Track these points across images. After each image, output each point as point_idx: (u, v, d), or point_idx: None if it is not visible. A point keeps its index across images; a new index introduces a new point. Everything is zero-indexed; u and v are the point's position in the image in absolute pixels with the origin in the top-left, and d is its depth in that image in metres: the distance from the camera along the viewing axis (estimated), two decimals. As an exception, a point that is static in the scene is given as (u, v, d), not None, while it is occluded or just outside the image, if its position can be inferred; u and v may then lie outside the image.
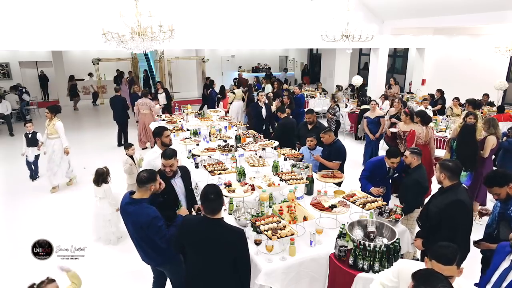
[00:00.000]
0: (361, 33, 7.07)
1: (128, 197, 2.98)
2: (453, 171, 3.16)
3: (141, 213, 2.83)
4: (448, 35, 12.94)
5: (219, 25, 9.48)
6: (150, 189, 2.95)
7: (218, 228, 2.56)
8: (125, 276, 4.26)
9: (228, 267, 2.55)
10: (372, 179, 4.41)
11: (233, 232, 2.58)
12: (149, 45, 5.58)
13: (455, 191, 3.13)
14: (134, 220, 2.87)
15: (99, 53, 14.38)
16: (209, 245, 2.53)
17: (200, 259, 2.60)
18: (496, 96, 10.66)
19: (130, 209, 2.90)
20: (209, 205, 2.53)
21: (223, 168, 4.43)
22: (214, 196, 2.52)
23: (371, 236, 3.04)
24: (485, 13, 8.79)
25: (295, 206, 3.51)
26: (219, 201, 2.55)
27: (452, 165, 3.19)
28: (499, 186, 3.04)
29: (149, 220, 2.81)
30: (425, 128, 5.69)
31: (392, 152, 4.27)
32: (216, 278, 2.58)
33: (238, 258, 2.54)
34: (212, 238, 2.53)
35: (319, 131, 5.64)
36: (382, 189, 4.17)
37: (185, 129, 6.83)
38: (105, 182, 4.73)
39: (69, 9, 7.98)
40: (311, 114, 6.08)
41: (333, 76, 14.35)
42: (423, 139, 5.65)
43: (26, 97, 12.32)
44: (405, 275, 2.17)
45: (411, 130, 5.73)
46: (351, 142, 9.65)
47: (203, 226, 2.59)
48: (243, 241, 2.55)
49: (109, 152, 8.67)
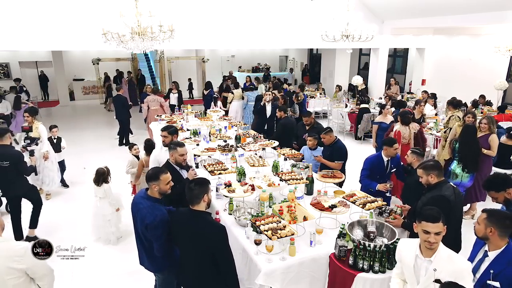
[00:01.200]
0: (361, 33, 7.08)
1: (144, 192, 2.97)
2: (439, 168, 3.26)
3: (150, 213, 2.79)
4: (448, 35, 12.94)
5: (219, 25, 9.48)
6: (154, 188, 2.87)
7: (198, 219, 2.62)
8: (125, 276, 4.26)
9: (207, 263, 2.58)
10: (372, 177, 4.41)
11: (212, 226, 2.62)
12: (149, 45, 5.58)
13: (440, 188, 3.20)
14: (142, 217, 2.87)
15: (99, 53, 14.39)
16: (188, 236, 2.62)
17: (183, 250, 2.71)
18: (496, 96, 10.66)
19: (142, 204, 2.88)
20: (188, 193, 2.61)
21: (223, 168, 4.43)
22: (193, 185, 2.61)
23: (371, 236, 3.04)
24: (485, 13, 8.79)
25: (295, 206, 3.51)
26: (197, 191, 2.59)
27: (435, 163, 3.32)
28: (496, 191, 3.05)
29: (155, 222, 2.76)
30: (407, 128, 5.83)
31: (391, 140, 4.41)
32: (196, 272, 2.65)
33: (217, 255, 2.56)
34: (192, 230, 2.60)
35: (318, 131, 5.65)
36: (389, 184, 4.17)
37: (185, 129, 6.83)
38: (105, 182, 4.73)
39: (69, 9, 7.99)
40: (308, 116, 6.06)
41: (333, 76, 14.34)
42: (407, 138, 5.82)
43: (24, 96, 12.20)
44: (402, 255, 2.52)
45: (396, 131, 5.91)
46: (351, 142, 9.66)
47: (184, 217, 2.69)
48: (220, 237, 2.56)
49: (109, 152, 8.67)
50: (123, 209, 4.99)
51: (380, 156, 4.41)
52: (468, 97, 10.20)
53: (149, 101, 9.07)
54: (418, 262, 2.40)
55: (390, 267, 2.84)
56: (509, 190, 3.02)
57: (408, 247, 2.50)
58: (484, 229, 2.42)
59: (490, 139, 5.32)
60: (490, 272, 2.36)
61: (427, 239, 2.29)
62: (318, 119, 12.28)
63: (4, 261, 2.29)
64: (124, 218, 5.13)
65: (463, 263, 2.33)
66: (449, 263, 2.30)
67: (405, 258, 2.49)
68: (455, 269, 2.28)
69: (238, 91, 10.52)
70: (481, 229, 2.44)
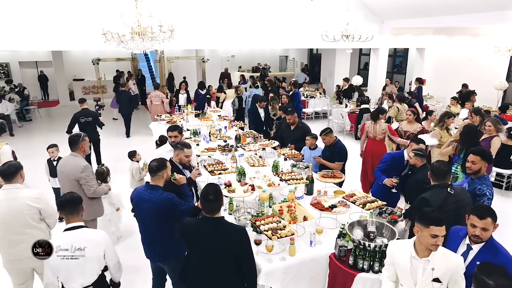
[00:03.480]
0: (361, 33, 7.08)
1: (144, 186, 3.14)
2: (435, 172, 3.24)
3: (158, 198, 2.99)
4: (448, 35, 12.94)
5: (219, 25, 9.48)
6: (163, 176, 3.08)
7: (219, 226, 2.57)
8: (125, 276, 4.25)
9: (232, 265, 2.55)
10: (389, 174, 4.31)
11: (235, 229, 2.60)
12: (149, 45, 5.58)
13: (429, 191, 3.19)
14: (151, 205, 2.98)
15: (99, 53, 14.37)
16: (210, 244, 2.53)
17: (203, 259, 2.60)
18: (496, 96, 10.67)
19: (146, 196, 3.02)
20: (208, 205, 2.55)
21: (223, 168, 4.43)
22: (213, 197, 2.53)
23: (371, 236, 3.04)
24: (485, 13, 8.79)
25: (295, 206, 3.51)
26: (218, 201, 2.56)
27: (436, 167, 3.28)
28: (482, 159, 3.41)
29: (167, 199, 2.98)
30: (373, 124, 5.89)
31: (418, 139, 4.44)
32: (220, 277, 2.58)
33: (241, 255, 2.55)
34: (213, 237, 2.54)
35: (302, 131, 5.62)
36: (396, 180, 4.15)
37: (185, 129, 6.83)
38: (104, 181, 4.72)
39: (69, 9, 7.99)
40: (291, 115, 5.79)
41: (333, 76, 14.34)
42: (372, 133, 5.88)
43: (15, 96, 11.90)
44: (395, 258, 2.51)
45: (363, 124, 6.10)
46: (351, 142, 9.65)
47: (203, 226, 2.60)
48: (244, 238, 2.57)
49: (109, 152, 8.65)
50: (123, 209, 5.00)
51: (403, 155, 4.38)
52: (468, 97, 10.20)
53: (152, 97, 9.83)
54: (414, 263, 2.40)
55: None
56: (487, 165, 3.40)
57: (401, 249, 2.49)
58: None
59: (492, 141, 5.20)
60: (476, 263, 2.37)
61: (435, 243, 2.29)
62: (318, 119, 12.30)
63: (25, 200, 3.09)
64: (124, 218, 5.14)
65: (457, 258, 2.38)
66: (445, 260, 2.33)
67: (399, 260, 2.48)
68: (451, 265, 2.32)
69: (230, 91, 10.64)
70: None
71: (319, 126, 10.43)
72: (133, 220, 5.29)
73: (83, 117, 7.12)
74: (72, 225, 2.61)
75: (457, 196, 3.11)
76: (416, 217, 2.43)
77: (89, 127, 7.04)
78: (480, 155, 3.45)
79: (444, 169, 3.22)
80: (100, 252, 2.59)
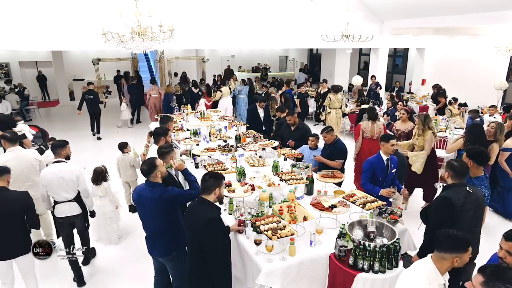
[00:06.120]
0: (361, 33, 7.07)
1: (143, 184, 3.17)
2: (455, 171, 3.12)
3: (160, 196, 3.05)
4: (448, 35, 12.94)
5: (219, 25, 9.48)
6: (157, 175, 3.11)
7: (199, 206, 2.89)
8: (126, 276, 4.26)
9: (196, 250, 2.80)
10: (375, 181, 4.19)
11: (204, 215, 2.78)
12: (149, 45, 5.57)
13: (452, 190, 3.09)
14: (154, 202, 3.04)
15: (99, 53, 14.38)
16: (190, 220, 2.91)
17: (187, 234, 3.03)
18: (496, 96, 10.66)
19: (148, 193, 3.07)
20: (202, 183, 2.92)
21: (223, 168, 4.43)
22: (209, 177, 2.92)
23: (371, 236, 3.04)
24: (485, 13, 8.79)
25: (295, 206, 3.51)
26: (212, 182, 2.86)
27: (457, 165, 3.15)
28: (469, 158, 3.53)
29: (169, 196, 3.07)
30: (370, 123, 5.94)
31: (388, 135, 4.36)
32: (191, 258, 2.90)
33: (204, 245, 2.72)
34: (192, 215, 2.88)
35: (303, 132, 5.62)
36: (393, 189, 4.01)
37: (185, 129, 6.82)
38: (104, 180, 4.73)
39: (69, 9, 7.98)
40: (291, 116, 5.84)
41: (333, 76, 14.34)
42: (369, 133, 5.91)
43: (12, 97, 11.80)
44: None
45: (357, 125, 6.14)
46: (352, 142, 9.64)
47: (194, 203, 2.99)
48: (207, 227, 2.73)
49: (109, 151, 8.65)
50: (121, 208, 5.07)
51: (379, 156, 4.23)
52: (468, 97, 10.21)
53: (150, 90, 11.26)
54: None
55: (390, 267, 2.84)
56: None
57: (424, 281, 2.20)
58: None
59: (490, 147, 4.95)
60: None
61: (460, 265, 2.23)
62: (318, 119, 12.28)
63: (29, 159, 4.17)
64: (123, 217, 5.15)
65: None
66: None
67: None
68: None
69: (226, 89, 10.75)
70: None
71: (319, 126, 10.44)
72: (131, 219, 5.33)
73: (87, 95, 9.57)
74: (57, 159, 3.86)
75: (475, 195, 3.09)
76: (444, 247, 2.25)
77: (92, 102, 9.62)
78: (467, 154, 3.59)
79: (465, 167, 3.17)
80: (73, 177, 3.84)
